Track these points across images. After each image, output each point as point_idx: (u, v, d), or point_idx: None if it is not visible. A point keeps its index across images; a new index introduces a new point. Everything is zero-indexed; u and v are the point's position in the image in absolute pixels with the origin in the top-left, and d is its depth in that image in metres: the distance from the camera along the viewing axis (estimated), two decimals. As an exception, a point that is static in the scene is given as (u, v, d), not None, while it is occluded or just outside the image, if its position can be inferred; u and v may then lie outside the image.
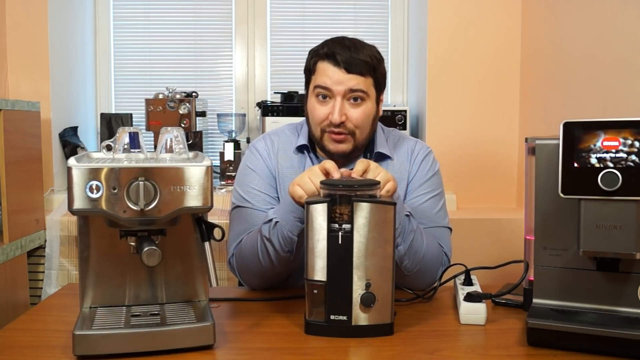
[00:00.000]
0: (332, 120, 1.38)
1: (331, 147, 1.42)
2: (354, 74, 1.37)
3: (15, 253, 2.10)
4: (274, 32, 2.92)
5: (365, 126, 1.42)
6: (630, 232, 1.02)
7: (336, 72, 1.38)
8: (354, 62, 1.37)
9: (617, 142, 1.02)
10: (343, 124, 1.39)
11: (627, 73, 1.70)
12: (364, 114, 1.40)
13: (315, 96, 1.42)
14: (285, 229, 1.28)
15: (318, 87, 1.40)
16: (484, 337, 1.14)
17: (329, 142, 1.42)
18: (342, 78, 1.37)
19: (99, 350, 1.01)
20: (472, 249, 2.01)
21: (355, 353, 1.08)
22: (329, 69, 1.38)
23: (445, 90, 2.57)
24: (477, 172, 2.59)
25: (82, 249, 1.11)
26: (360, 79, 1.38)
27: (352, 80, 1.37)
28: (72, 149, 2.55)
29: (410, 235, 1.31)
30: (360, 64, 1.38)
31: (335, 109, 1.38)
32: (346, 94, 1.38)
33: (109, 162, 1.02)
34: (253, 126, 2.90)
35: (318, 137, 1.44)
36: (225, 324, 1.19)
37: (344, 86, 1.37)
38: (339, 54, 1.38)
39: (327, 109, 1.40)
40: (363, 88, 1.39)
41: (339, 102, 1.38)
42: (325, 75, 1.39)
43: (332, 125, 1.39)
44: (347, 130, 1.40)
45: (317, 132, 1.43)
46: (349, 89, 1.38)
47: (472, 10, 2.55)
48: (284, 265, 1.35)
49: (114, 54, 2.92)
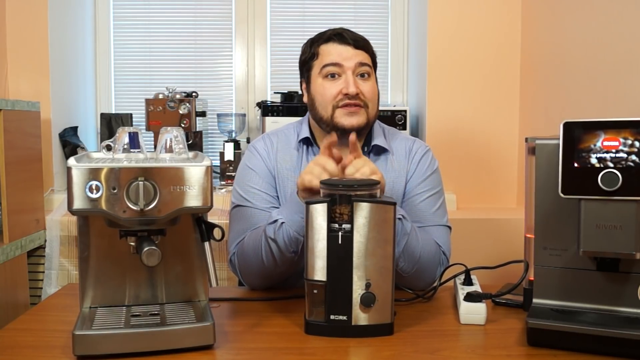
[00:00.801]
0: (350, 92, 1.41)
1: (345, 122, 1.42)
2: (361, 49, 1.44)
3: (15, 253, 2.10)
4: (274, 32, 2.92)
5: (375, 101, 1.46)
6: (630, 232, 1.02)
7: (345, 48, 1.43)
8: (359, 39, 1.45)
9: (617, 142, 1.02)
10: (357, 96, 1.42)
11: (627, 73, 1.70)
12: (373, 88, 1.46)
13: (324, 77, 1.44)
14: (292, 229, 1.28)
15: (328, 66, 1.43)
16: (484, 337, 1.14)
17: (342, 117, 1.42)
18: (351, 53, 1.43)
19: (99, 350, 1.01)
20: (472, 249, 2.01)
21: (355, 353, 1.08)
22: (337, 47, 1.44)
23: (445, 90, 2.57)
24: (477, 172, 2.59)
25: (82, 249, 1.11)
26: (365, 54, 1.45)
27: (360, 55, 1.44)
28: (72, 149, 2.55)
29: (404, 238, 1.31)
30: (363, 41, 1.46)
31: (350, 81, 1.41)
32: (356, 68, 1.43)
33: (109, 162, 1.02)
34: (253, 126, 2.90)
35: (329, 117, 1.43)
36: (225, 324, 1.19)
37: (353, 60, 1.43)
38: (345, 32, 1.45)
39: (338, 85, 1.43)
40: (369, 62, 1.46)
41: (350, 75, 1.42)
42: (334, 53, 1.44)
43: (347, 98, 1.41)
44: (362, 103, 1.43)
45: (329, 111, 1.43)
46: (359, 63, 1.43)
47: (472, 10, 2.55)
48: (287, 266, 1.35)
49: (114, 54, 2.92)
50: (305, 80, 1.51)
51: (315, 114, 1.46)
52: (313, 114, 1.48)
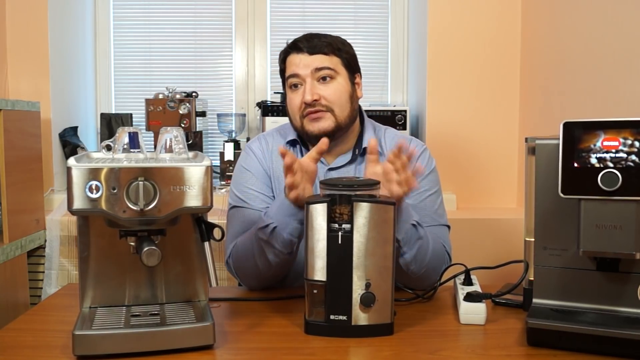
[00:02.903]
0: (305, 100, 1.42)
1: (310, 128, 1.44)
2: (317, 54, 1.44)
3: (15, 253, 2.10)
4: (274, 32, 2.92)
5: (342, 103, 1.45)
6: (630, 232, 1.02)
7: (300, 57, 1.45)
8: (315, 45, 1.45)
9: (617, 142, 1.02)
10: (317, 102, 1.43)
11: (627, 73, 1.70)
12: (336, 91, 1.44)
13: (289, 88, 1.47)
14: (285, 232, 1.28)
15: (289, 78, 1.46)
16: (484, 337, 1.14)
17: (308, 125, 1.45)
18: (306, 61, 1.44)
19: (99, 350, 1.01)
20: (472, 249, 2.01)
21: (355, 353, 1.08)
22: (295, 57, 1.46)
23: (445, 90, 2.57)
24: (477, 172, 2.59)
25: (82, 249, 1.11)
26: (324, 57, 1.45)
27: (317, 60, 1.44)
28: (72, 149, 2.55)
29: (417, 243, 1.31)
30: (321, 45, 1.45)
31: (307, 90, 1.43)
32: (313, 74, 1.43)
33: (109, 162, 1.02)
34: (253, 126, 2.90)
35: (299, 127, 1.47)
36: (225, 324, 1.19)
37: (309, 68, 1.43)
38: (300, 42, 1.46)
39: (300, 94, 1.45)
40: (329, 65, 1.44)
41: (308, 82, 1.43)
42: (292, 64, 1.46)
43: (307, 106, 1.43)
44: (324, 108, 1.43)
45: (298, 121, 1.47)
46: (315, 69, 1.43)
47: (472, 10, 2.55)
48: (281, 268, 1.35)
49: (114, 54, 2.92)
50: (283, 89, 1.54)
51: (291, 123, 1.51)
52: (291, 122, 1.52)
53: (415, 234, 1.30)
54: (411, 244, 1.30)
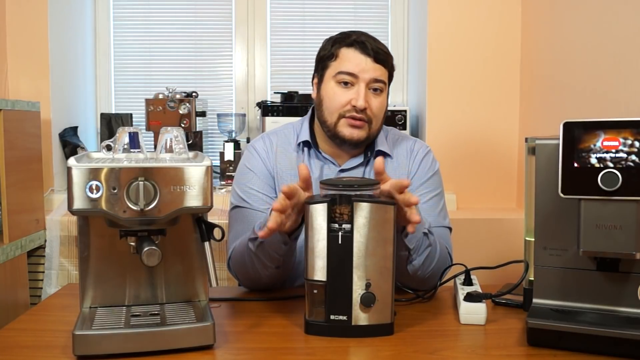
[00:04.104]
0: (358, 105, 1.39)
1: (347, 133, 1.42)
2: (380, 64, 1.41)
3: (15, 253, 2.10)
4: (274, 32, 2.92)
5: (380, 117, 1.45)
6: (630, 232, 1.02)
7: (364, 59, 1.40)
8: (381, 52, 1.41)
9: (617, 142, 1.02)
10: (364, 111, 1.40)
11: (627, 73, 1.70)
12: (382, 105, 1.44)
13: (337, 82, 1.42)
14: (270, 249, 1.27)
15: (342, 73, 1.41)
16: (484, 337, 1.14)
17: (345, 128, 1.42)
18: (369, 66, 1.40)
19: (99, 350, 1.01)
20: (472, 249, 2.01)
21: (355, 353, 1.08)
22: (357, 56, 1.41)
23: (445, 90, 2.57)
24: (477, 172, 2.59)
25: (82, 249, 1.11)
26: (383, 70, 1.43)
27: (378, 70, 1.41)
28: (72, 149, 2.55)
29: (426, 251, 1.31)
30: (384, 55, 1.42)
31: (360, 94, 1.39)
32: (370, 82, 1.41)
33: (109, 162, 1.02)
34: (253, 126, 2.90)
35: (333, 124, 1.43)
36: (225, 324, 1.19)
37: (369, 74, 1.40)
38: (368, 42, 1.41)
39: (349, 94, 1.41)
40: (384, 79, 1.43)
41: (363, 88, 1.40)
42: (352, 61, 1.41)
43: (354, 110, 1.40)
44: (367, 118, 1.41)
45: (334, 118, 1.43)
46: (374, 79, 1.41)
47: (472, 10, 2.55)
48: (271, 278, 1.35)
49: (114, 54, 2.92)
50: (318, 76, 1.48)
51: (321, 115, 1.46)
52: (319, 113, 1.47)
53: (425, 241, 1.30)
54: (420, 251, 1.30)
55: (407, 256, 1.28)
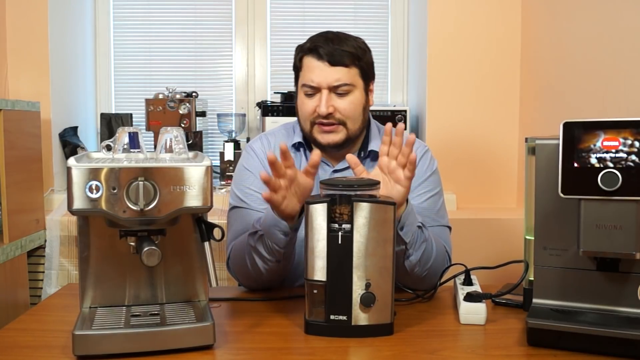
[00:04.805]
0: (320, 112, 1.41)
1: (320, 139, 1.44)
2: (337, 66, 1.40)
3: (15, 253, 2.10)
4: (274, 32, 2.92)
5: (355, 116, 1.44)
6: (630, 232, 1.02)
7: (319, 66, 1.41)
8: (336, 54, 1.40)
9: (617, 142, 1.02)
10: (331, 115, 1.41)
11: (627, 73, 1.70)
12: (351, 104, 1.42)
13: (304, 93, 1.45)
14: (270, 241, 1.28)
15: (305, 86, 1.44)
16: (484, 337, 1.14)
17: (318, 134, 1.44)
18: (325, 72, 1.40)
19: (99, 350, 1.01)
20: (472, 249, 2.01)
21: (355, 353, 1.08)
22: (313, 63, 1.41)
23: (445, 90, 2.57)
24: (477, 172, 2.59)
25: (82, 249, 1.11)
26: (344, 70, 1.41)
27: (336, 73, 1.40)
28: (72, 149, 2.55)
29: (422, 246, 1.32)
30: (343, 55, 1.40)
31: (322, 101, 1.40)
32: (331, 88, 1.41)
33: (109, 162, 1.02)
34: (253, 126, 2.90)
35: (308, 131, 1.46)
36: (225, 324, 1.19)
37: (327, 80, 1.40)
38: (322, 47, 1.40)
39: (314, 102, 1.43)
40: (347, 81, 1.41)
41: (325, 94, 1.41)
42: (312, 71, 1.42)
43: (320, 117, 1.41)
44: (337, 121, 1.42)
45: (307, 126, 1.45)
46: (333, 84, 1.40)
47: (472, 10, 2.55)
48: (271, 274, 1.35)
49: (114, 54, 2.92)
50: (295, 85, 1.52)
51: (300, 123, 1.50)
52: (299, 122, 1.50)
53: (421, 236, 1.31)
54: (417, 246, 1.30)
55: (404, 250, 1.29)
